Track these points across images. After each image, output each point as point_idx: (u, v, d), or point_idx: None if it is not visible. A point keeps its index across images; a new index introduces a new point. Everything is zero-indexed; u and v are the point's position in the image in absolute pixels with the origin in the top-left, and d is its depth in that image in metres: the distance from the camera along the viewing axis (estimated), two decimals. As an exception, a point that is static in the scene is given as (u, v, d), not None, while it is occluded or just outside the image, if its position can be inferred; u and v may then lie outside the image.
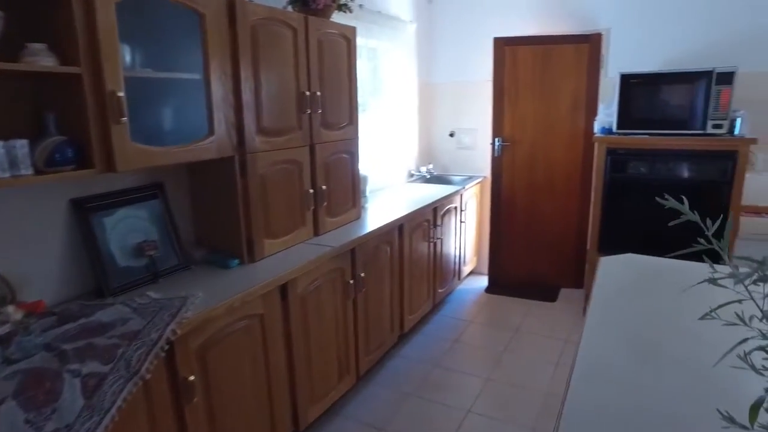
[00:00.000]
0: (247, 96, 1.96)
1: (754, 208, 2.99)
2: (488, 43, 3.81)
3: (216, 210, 2.10)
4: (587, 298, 3.50)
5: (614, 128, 3.17)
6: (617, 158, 3.12)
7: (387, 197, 3.44)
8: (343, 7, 2.55)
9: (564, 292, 3.98)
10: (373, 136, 3.53)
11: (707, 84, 2.90)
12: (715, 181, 2.93)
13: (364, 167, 2.95)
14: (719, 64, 2.87)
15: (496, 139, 3.90)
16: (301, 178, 2.31)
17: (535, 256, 4.07)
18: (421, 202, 3.19)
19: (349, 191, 2.67)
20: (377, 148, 3.62)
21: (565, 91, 3.71)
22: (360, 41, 2.95)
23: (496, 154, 3.94)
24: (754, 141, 2.84)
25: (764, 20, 3.16)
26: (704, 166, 2.94)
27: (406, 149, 4.02)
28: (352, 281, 2.40)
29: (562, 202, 3.91)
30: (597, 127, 3.48)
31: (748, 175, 2.87)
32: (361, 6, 3.04)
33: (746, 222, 2.94)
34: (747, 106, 2.92)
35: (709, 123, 2.93)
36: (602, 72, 3.62)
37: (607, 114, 3.48)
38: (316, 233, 2.44)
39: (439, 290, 3.58)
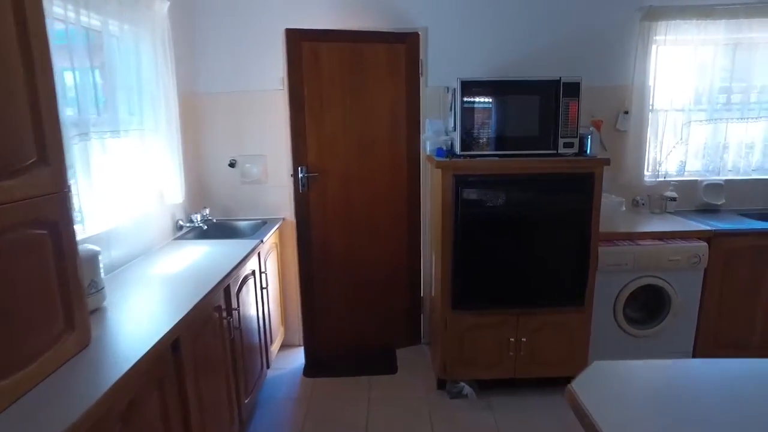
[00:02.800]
0: None
1: (607, 235, 2.64)
2: (278, 36, 2.74)
3: None
4: (435, 357, 2.87)
5: (458, 149, 2.47)
6: (469, 189, 2.41)
7: (141, 278, 2.04)
8: None
9: (403, 355, 3.16)
10: (108, 175, 2.08)
11: (555, 96, 2.42)
12: (576, 210, 2.47)
13: (93, 236, 1.56)
14: (551, 75, 2.43)
15: (300, 169, 2.85)
16: None
17: (361, 315, 3.15)
18: (202, 282, 1.92)
19: (52, 303, 1.26)
20: (116, 194, 2.16)
21: (383, 103, 2.90)
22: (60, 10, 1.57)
23: (300, 189, 2.89)
24: (607, 162, 2.46)
25: (593, 27, 2.91)
26: (562, 193, 2.45)
27: (167, 190, 2.63)
28: None
29: (389, 243, 3.09)
30: (430, 147, 2.76)
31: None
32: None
33: (601, 252, 2.56)
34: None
35: (561, 142, 2.46)
36: (422, 81, 2.93)
37: (435, 131, 2.78)
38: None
39: (245, 401, 2.33)
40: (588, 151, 2.50)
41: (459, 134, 2.44)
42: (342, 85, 2.82)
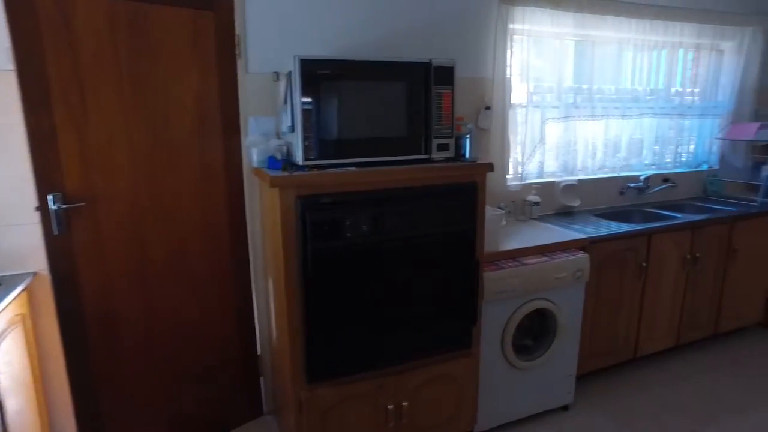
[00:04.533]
0: None
1: (490, 257, 2.16)
2: (-14, -21, 1.66)
3: None
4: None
5: (299, 158, 1.73)
6: (321, 214, 1.68)
7: None
8: None
9: (241, 445, 2.31)
10: None
11: (425, 84, 1.84)
12: (458, 231, 1.93)
13: None
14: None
15: (51, 198, 1.80)
16: None
17: (177, 391, 2.20)
18: None
19: None
20: None
21: (183, 95, 2.01)
22: None
23: (56, 230, 1.83)
24: (489, 167, 1.97)
25: (452, 9, 2.41)
26: (441, 210, 1.88)
27: None
28: None
29: (207, 292, 2.20)
30: (258, 156, 1.96)
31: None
32: None
33: (487, 279, 2.08)
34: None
35: (434, 143, 1.90)
36: (240, 65, 2.11)
37: (263, 133, 2.02)
38: None
39: None
40: (467, 154, 1.98)
41: (300, 137, 1.70)
42: (117, 65, 1.85)
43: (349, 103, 1.74)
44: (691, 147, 3.53)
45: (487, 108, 2.61)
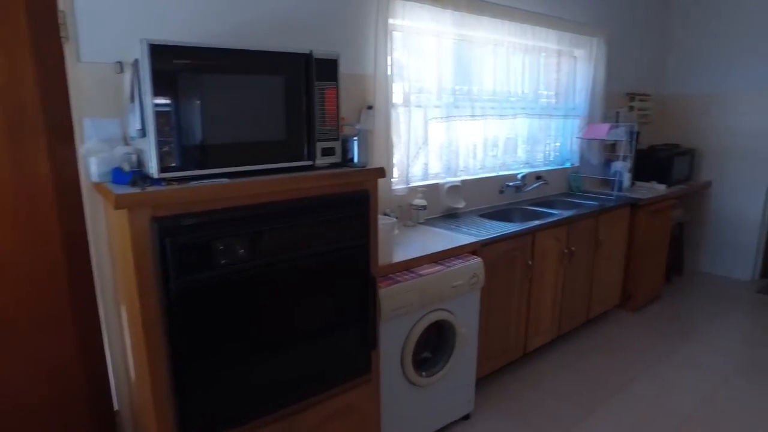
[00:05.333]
0: None
1: (385, 270, 1.98)
2: None
3: None
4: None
5: (154, 170, 1.37)
6: (187, 239, 1.35)
7: None
8: None
9: None
10: None
11: (306, 79, 1.59)
12: (350, 247, 1.71)
13: None
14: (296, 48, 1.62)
15: None
16: None
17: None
18: None
19: None
20: None
21: (-17, 91, 1.51)
22: None
23: None
24: (381, 173, 1.79)
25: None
26: (330, 224, 1.65)
27: None
28: None
29: (38, 344, 1.72)
30: (98, 168, 1.55)
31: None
32: None
33: (383, 296, 1.89)
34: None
35: (318, 147, 1.66)
36: (69, 51, 1.66)
37: (105, 139, 1.62)
38: None
39: None
40: (355, 159, 1.77)
41: (154, 143, 1.35)
42: None
43: (216, 100, 1.42)
44: (557, 146, 3.75)
45: (369, 107, 2.44)
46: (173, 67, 1.34)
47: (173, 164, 1.38)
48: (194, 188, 1.36)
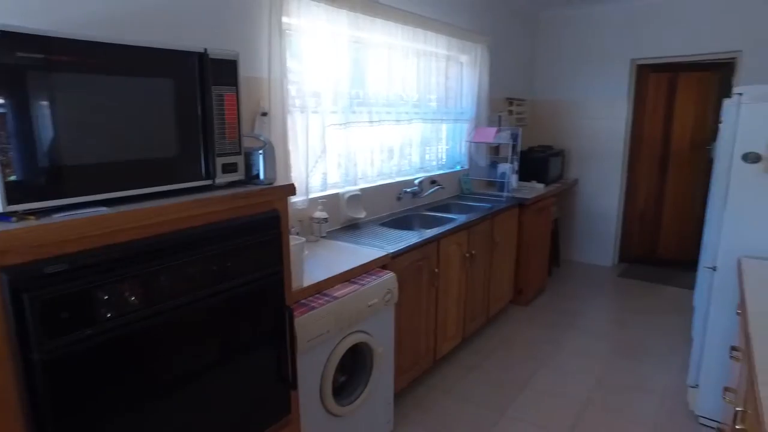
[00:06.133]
0: None
1: (297, 295, 1.78)
2: None
3: None
4: None
5: (0, 202, 1.03)
6: (54, 291, 1.03)
7: None
8: None
9: None
10: None
11: (201, 83, 1.34)
12: (261, 278, 1.48)
13: None
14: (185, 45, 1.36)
15: None
16: None
17: None
18: None
19: None
20: None
21: None
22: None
23: None
24: (291, 190, 1.58)
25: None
26: (239, 252, 1.41)
27: None
28: None
29: None
30: None
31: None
32: None
33: (298, 326, 1.69)
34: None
35: (218, 163, 1.41)
36: None
37: None
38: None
39: None
40: (261, 175, 1.55)
41: (-3, 165, 1.01)
42: None
43: (87, 108, 1.12)
44: (447, 150, 3.81)
45: (264, 114, 2.20)
46: (18, 62, 1.01)
47: (28, 192, 1.05)
48: (60, 223, 1.05)
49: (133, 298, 1.14)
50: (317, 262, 2.11)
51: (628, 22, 4.41)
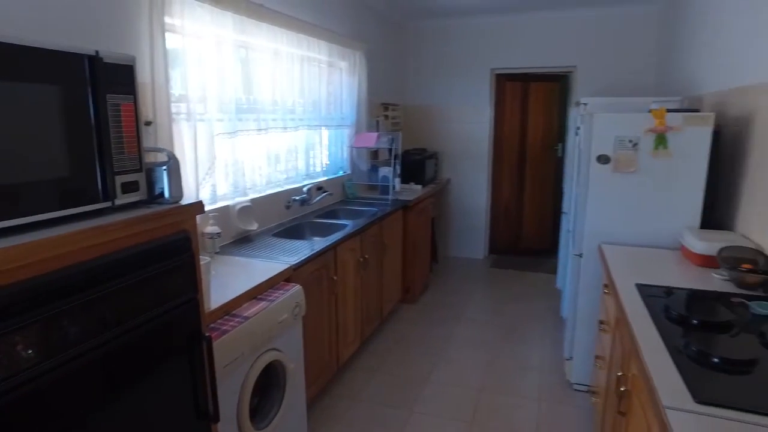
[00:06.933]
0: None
1: (206, 318, 1.63)
2: None
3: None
4: None
5: None
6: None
7: None
8: None
9: None
10: None
11: (93, 90, 1.16)
12: (179, 304, 1.34)
13: None
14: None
15: None
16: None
17: None
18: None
19: None
20: None
21: None
22: None
23: None
24: (200, 208, 1.45)
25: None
26: (149, 282, 1.25)
27: None
28: None
29: None
30: None
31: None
32: None
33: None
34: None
35: (117, 182, 1.24)
36: None
37: None
38: None
39: None
40: (166, 194, 1.40)
41: None
42: None
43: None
44: (331, 155, 3.81)
45: (148, 123, 1.99)
46: None
47: None
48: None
49: (29, 351, 0.95)
50: (220, 282, 1.97)
51: (486, 35, 4.85)
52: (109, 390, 1.15)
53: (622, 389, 1.57)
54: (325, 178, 3.64)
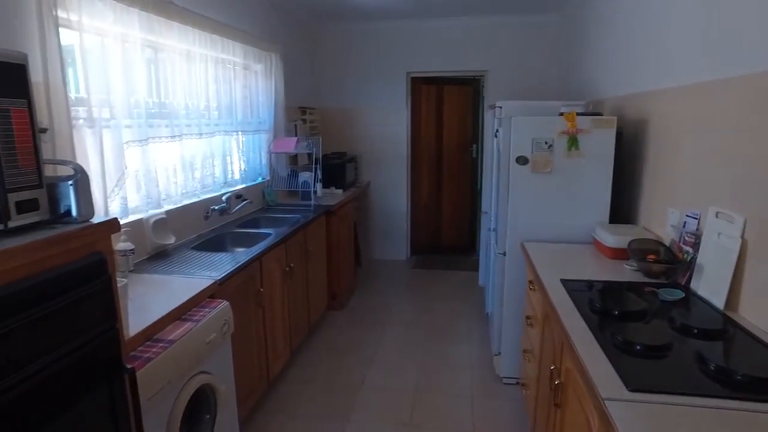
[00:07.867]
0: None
1: (126, 347, 1.47)
2: None
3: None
4: None
5: None
6: None
7: None
8: None
9: None
10: None
11: (-21, 96, 1.00)
12: (97, 335, 1.19)
13: None
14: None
15: None
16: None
17: None
18: None
19: None
20: None
21: None
22: None
23: None
24: (115, 226, 1.30)
25: None
26: (60, 315, 1.10)
27: None
28: None
29: None
30: None
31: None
32: None
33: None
34: None
35: (11, 201, 1.08)
36: None
37: None
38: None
39: None
40: (74, 211, 1.23)
41: None
42: None
43: None
44: (248, 161, 3.66)
45: (43, 130, 1.76)
46: None
47: None
48: None
49: None
50: (138, 303, 1.79)
51: (401, 39, 4.91)
52: (16, 443, 0.99)
53: (556, 382, 1.65)
54: (243, 186, 3.48)
